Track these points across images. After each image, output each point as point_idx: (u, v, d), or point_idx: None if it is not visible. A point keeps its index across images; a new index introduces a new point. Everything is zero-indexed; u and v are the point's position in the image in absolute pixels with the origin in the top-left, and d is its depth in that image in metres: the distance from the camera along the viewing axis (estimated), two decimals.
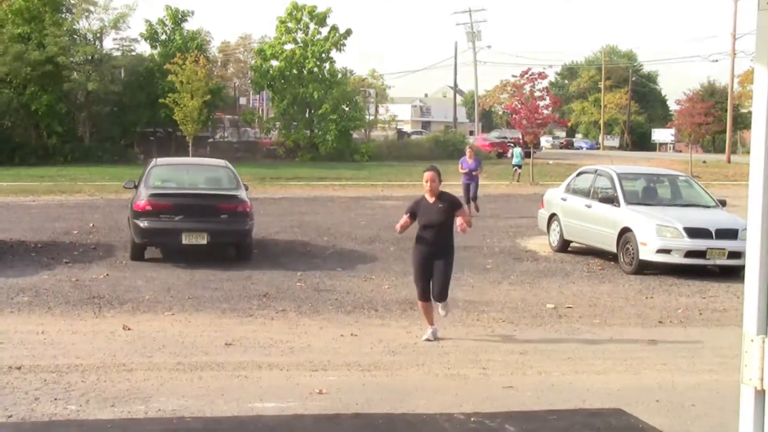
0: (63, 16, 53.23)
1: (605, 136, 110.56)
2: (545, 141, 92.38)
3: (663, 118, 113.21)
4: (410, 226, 10.96)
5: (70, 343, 10.01)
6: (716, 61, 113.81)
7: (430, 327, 10.87)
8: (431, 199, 10.77)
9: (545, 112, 44.40)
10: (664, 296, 14.44)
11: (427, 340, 10.68)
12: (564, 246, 19.12)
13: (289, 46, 58.46)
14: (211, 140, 59.51)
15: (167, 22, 56.78)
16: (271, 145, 60.55)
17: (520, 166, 44.34)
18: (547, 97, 45.56)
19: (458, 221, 10.72)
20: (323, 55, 58.49)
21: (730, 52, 67.93)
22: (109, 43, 56.86)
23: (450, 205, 10.79)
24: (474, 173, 26.11)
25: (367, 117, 68.78)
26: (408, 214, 10.80)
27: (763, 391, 3.45)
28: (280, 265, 16.26)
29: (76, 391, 8.16)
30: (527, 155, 45.40)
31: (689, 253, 16.03)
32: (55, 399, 7.89)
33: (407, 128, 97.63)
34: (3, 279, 13.99)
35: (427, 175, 10.84)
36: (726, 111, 70.12)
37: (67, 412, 7.56)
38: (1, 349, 9.63)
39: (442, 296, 10.85)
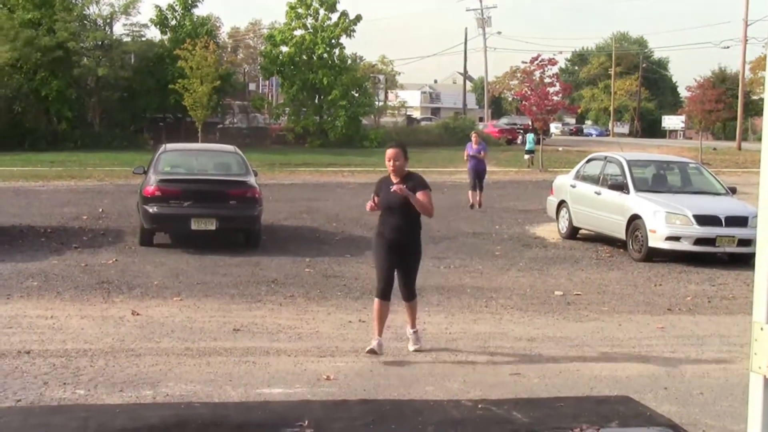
0: (73, 1, 53.30)
1: (615, 123, 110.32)
2: (555, 127, 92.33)
3: (673, 104, 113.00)
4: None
5: (79, 328, 10.04)
6: (728, 47, 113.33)
7: (376, 337, 9.35)
8: (395, 180, 9.40)
9: (555, 98, 44.29)
10: (673, 284, 14.40)
11: (371, 351, 9.18)
12: (573, 233, 19.10)
13: (298, 32, 58.48)
14: (220, 126, 59.54)
15: (177, 8, 56.80)
16: (280, 130, 60.59)
17: (532, 152, 44.64)
18: (557, 84, 45.43)
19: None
20: (333, 41, 58.48)
21: (742, 38, 67.72)
22: (119, 29, 56.98)
23: (415, 187, 9.32)
24: (481, 155, 25.01)
25: (377, 103, 68.82)
26: (375, 194, 9.56)
27: None
28: (288, 251, 16.27)
29: (85, 375, 8.18)
30: (537, 141, 45.61)
31: (698, 241, 15.99)
32: (64, 384, 7.92)
33: (417, 114, 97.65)
34: (12, 264, 14.03)
35: (390, 152, 9.43)
36: (737, 98, 69.96)
37: (76, 397, 7.58)
38: (10, 333, 9.66)
39: (411, 294, 9.62)
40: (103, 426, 6.81)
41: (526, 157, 45.63)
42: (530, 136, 46.22)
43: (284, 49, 58.83)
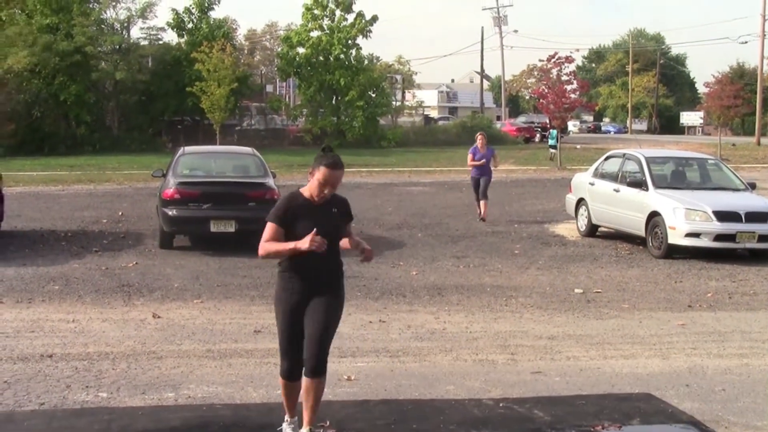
0: (90, 6, 53.54)
1: (633, 120, 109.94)
2: (572, 125, 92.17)
3: (691, 101, 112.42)
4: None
5: (100, 331, 10.09)
6: (746, 42, 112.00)
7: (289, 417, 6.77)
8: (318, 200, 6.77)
9: (572, 96, 44.18)
10: (694, 280, 14.36)
11: None
12: (592, 230, 19.05)
13: (315, 33, 58.54)
14: (238, 128, 59.63)
15: (194, 11, 56.96)
16: (298, 132, 60.64)
17: (555, 147, 44.88)
18: (575, 81, 45.32)
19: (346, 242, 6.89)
20: (349, 41, 58.50)
21: (760, 33, 67.34)
22: (136, 33, 57.39)
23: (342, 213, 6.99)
24: (488, 164, 21.52)
25: (394, 103, 68.82)
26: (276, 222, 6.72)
27: None
28: None
29: (107, 378, 8.23)
30: (553, 148, 45.97)
31: (718, 237, 15.92)
32: (87, 387, 7.96)
33: (434, 114, 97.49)
34: (34, 268, 14.11)
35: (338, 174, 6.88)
36: (755, 93, 69.58)
37: (99, 400, 7.62)
38: (33, 337, 9.72)
39: (319, 367, 6.50)
40: (125, 429, 6.85)
41: (552, 151, 46.44)
42: (553, 132, 46.75)
43: (301, 50, 58.90)
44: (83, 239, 17.33)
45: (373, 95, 60.28)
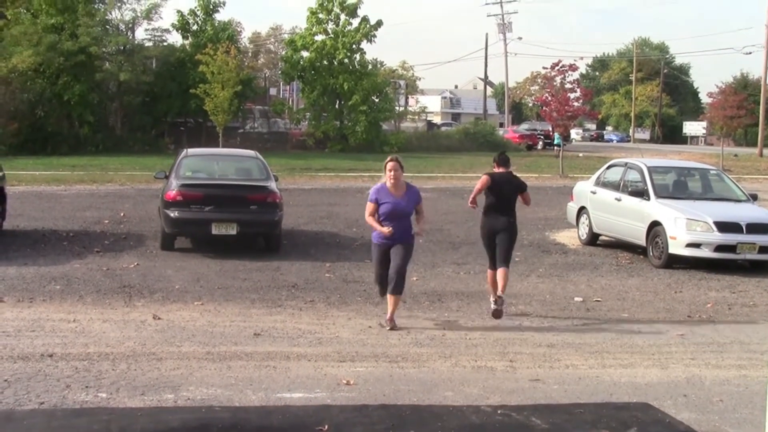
0: (96, 6, 53.50)
1: (636, 129, 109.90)
2: (575, 133, 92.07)
3: (695, 110, 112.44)
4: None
5: (101, 332, 10.12)
6: (750, 53, 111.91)
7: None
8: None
9: (576, 104, 44.21)
10: (693, 291, 14.37)
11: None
12: (593, 239, 19.06)
13: (319, 37, 58.49)
14: (241, 131, 59.62)
15: (198, 13, 56.94)
16: (301, 135, 60.59)
17: (560, 146, 47.20)
18: (578, 89, 45.37)
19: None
20: (354, 46, 58.45)
21: (764, 43, 67.31)
22: (140, 34, 57.28)
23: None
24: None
25: (397, 108, 68.70)
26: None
27: None
28: (308, 256, 16.32)
29: (107, 379, 8.25)
30: (565, 138, 47.53)
31: (719, 248, 15.93)
32: (86, 387, 7.99)
33: (437, 120, 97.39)
34: (35, 268, 14.14)
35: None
36: (759, 104, 69.53)
37: (98, 400, 7.65)
38: (33, 336, 9.75)
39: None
40: (124, 429, 6.88)
41: (556, 149, 49.52)
42: (557, 134, 49.34)
43: (305, 54, 58.87)
44: (85, 239, 17.36)
45: (377, 100, 60.23)
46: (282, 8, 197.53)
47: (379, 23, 59.04)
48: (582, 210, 19.59)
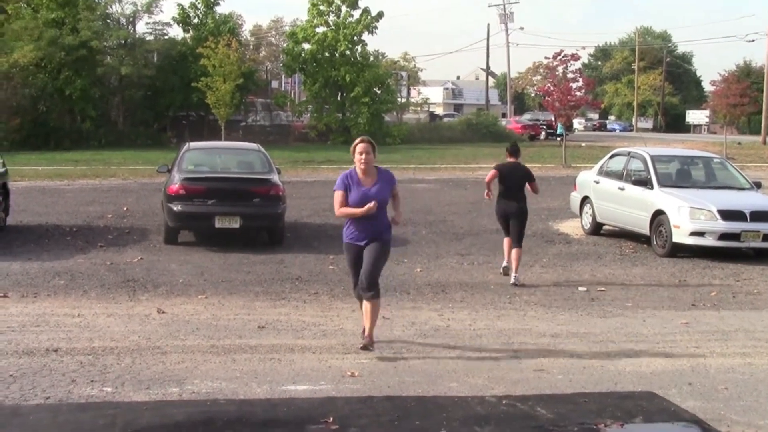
0: (96, 0, 53.48)
1: (639, 118, 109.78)
2: (578, 123, 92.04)
3: (697, 99, 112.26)
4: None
5: (105, 326, 10.13)
6: (752, 40, 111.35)
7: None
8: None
9: (578, 94, 44.12)
10: (698, 279, 14.36)
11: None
12: (596, 229, 19.05)
13: (320, 29, 58.44)
14: (243, 124, 59.57)
15: (199, 6, 56.90)
16: (303, 128, 60.60)
17: (563, 136, 47.69)
18: (580, 79, 45.27)
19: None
20: (355, 37, 58.40)
21: (767, 31, 67.18)
22: (141, 27, 57.40)
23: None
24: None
25: (399, 100, 68.64)
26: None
27: None
28: (312, 249, 16.32)
29: (112, 373, 8.26)
30: (568, 128, 47.79)
31: (723, 236, 15.91)
32: (92, 381, 8.00)
33: (439, 111, 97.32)
34: (39, 263, 14.15)
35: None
36: (762, 92, 69.41)
37: (103, 394, 7.65)
38: (38, 331, 9.75)
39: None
40: (130, 423, 6.88)
41: (558, 139, 50.22)
42: (560, 124, 50.17)
43: (306, 46, 58.82)
44: (88, 234, 17.37)
45: (379, 92, 60.17)
46: (283, 0, 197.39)
47: (381, 14, 58.99)
48: (585, 200, 19.57)
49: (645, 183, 17.51)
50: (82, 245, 16.08)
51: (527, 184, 13.77)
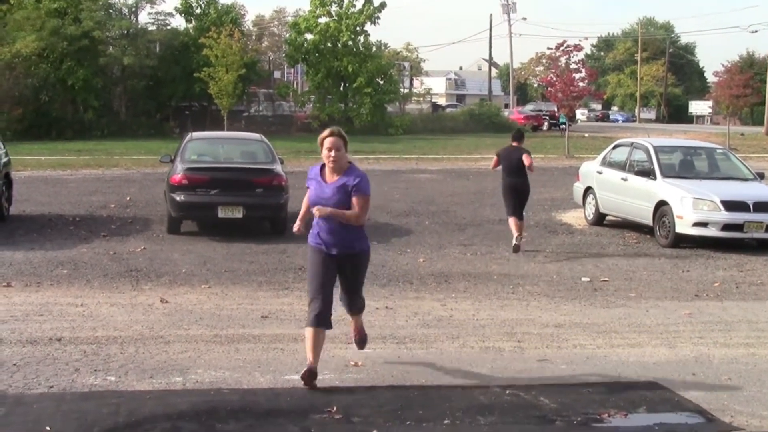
0: None
1: (641, 109, 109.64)
2: (581, 114, 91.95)
3: (700, 90, 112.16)
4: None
5: (108, 316, 10.13)
6: (756, 31, 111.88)
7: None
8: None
9: (581, 84, 44.21)
10: (701, 270, 14.35)
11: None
12: (599, 219, 19.04)
13: (323, 20, 58.39)
14: (246, 114, 59.54)
15: None
16: (305, 118, 60.55)
17: (565, 126, 47.78)
18: (583, 70, 45.35)
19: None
20: (358, 28, 58.35)
21: None
22: (144, 18, 57.24)
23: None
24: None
25: (402, 90, 68.60)
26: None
27: None
28: None
29: (115, 362, 8.27)
30: (571, 118, 48.15)
31: (726, 227, 15.90)
32: (95, 370, 8.00)
33: (442, 101, 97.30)
34: (42, 252, 14.16)
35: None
36: (765, 83, 69.25)
37: (107, 384, 7.66)
38: (41, 321, 9.76)
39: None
40: (133, 412, 6.89)
41: (561, 129, 50.77)
42: (562, 115, 50.14)
43: (309, 36, 58.77)
44: (91, 224, 17.37)
45: (381, 82, 60.14)
46: None
47: (383, 5, 58.91)
48: (588, 190, 19.56)
49: (648, 174, 17.49)
50: (85, 235, 16.09)
51: (523, 158, 15.30)
